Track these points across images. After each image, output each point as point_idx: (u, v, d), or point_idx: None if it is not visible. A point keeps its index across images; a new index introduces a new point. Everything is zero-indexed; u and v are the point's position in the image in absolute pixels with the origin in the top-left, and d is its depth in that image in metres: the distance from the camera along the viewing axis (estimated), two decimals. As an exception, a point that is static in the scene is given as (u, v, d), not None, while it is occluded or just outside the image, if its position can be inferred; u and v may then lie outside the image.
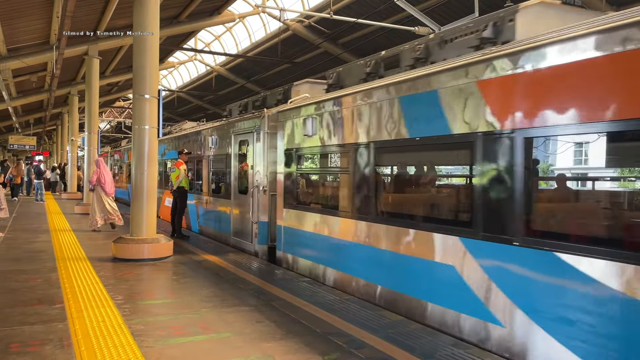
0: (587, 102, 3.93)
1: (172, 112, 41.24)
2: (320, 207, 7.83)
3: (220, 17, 18.85)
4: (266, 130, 9.27)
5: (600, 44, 3.84)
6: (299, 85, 9.86)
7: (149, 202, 8.98)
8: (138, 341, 4.51)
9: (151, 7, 9.02)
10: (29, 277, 7.05)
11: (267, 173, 9.19)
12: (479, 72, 4.89)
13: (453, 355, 4.31)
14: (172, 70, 37.37)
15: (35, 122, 36.46)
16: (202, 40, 30.64)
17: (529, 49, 4.41)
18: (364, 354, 4.33)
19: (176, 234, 11.43)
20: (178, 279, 7.26)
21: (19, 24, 14.23)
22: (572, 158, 5.52)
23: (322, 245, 7.45)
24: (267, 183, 9.20)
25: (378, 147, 6.34)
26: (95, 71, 18.03)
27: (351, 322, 5.22)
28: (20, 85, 22.20)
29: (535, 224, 4.39)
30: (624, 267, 3.58)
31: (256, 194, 9.36)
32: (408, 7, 12.01)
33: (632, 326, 3.53)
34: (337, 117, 7.22)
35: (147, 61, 8.97)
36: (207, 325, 5.06)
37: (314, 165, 8.53)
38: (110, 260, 8.52)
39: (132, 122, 9.46)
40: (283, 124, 8.75)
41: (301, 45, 22.86)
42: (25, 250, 9.35)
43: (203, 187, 12.74)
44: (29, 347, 4.29)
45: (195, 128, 14.77)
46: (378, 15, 17.54)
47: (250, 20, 26.19)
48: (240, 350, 4.35)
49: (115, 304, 5.76)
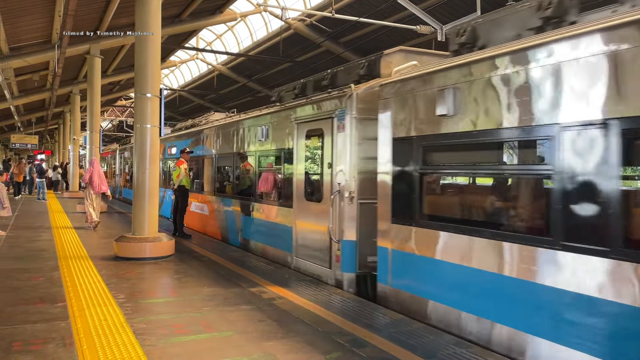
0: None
1: (173, 111, 41.27)
2: (476, 226, 5.04)
3: (221, 16, 18.87)
4: (354, 114, 6.90)
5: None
6: (391, 55, 7.47)
7: (150, 201, 8.98)
8: (140, 340, 4.51)
9: (153, 6, 9.02)
10: (31, 276, 7.06)
11: (354, 174, 6.86)
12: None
13: (455, 355, 4.31)
14: (173, 69, 37.41)
15: (37, 121, 36.53)
16: (203, 39, 30.67)
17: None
18: (366, 353, 4.33)
19: (178, 233, 11.44)
20: (180, 278, 7.26)
21: (21, 22, 14.26)
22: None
23: (487, 289, 4.74)
24: (356, 187, 6.85)
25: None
26: (97, 70, 18.06)
27: (353, 321, 5.22)
28: (22, 84, 22.24)
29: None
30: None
31: (338, 202, 6.96)
32: (410, 5, 11.99)
33: None
34: (515, 82, 4.53)
35: (149, 60, 8.98)
36: (209, 324, 5.06)
37: (462, 161, 5.68)
38: (112, 258, 8.52)
39: (133, 121, 9.47)
40: (392, 102, 6.08)
41: (303, 44, 22.86)
42: (28, 249, 9.36)
43: (248, 191, 10.29)
44: (31, 346, 4.30)
45: (231, 118, 12.26)
46: (380, 14, 17.54)
47: (252, 19, 26.22)
48: (242, 349, 4.35)
49: (117, 302, 5.76)
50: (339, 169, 7.04)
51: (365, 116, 6.87)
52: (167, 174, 15.76)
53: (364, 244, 6.81)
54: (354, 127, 6.89)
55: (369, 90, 6.95)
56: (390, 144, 6.07)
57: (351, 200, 6.85)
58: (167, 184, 15.19)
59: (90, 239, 10.90)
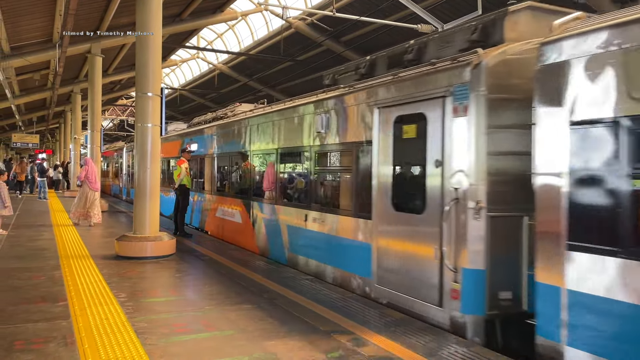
0: None
1: (174, 111, 41.28)
2: None
3: (222, 15, 18.87)
4: (482, 91, 4.99)
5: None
6: (517, 13, 5.57)
7: (152, 200, 8.99)
8: (141, 339, 4.51)
9: (153, 5, 9.02)
10: (32, 275, 7.07)
11: (483, 175, 4.97)
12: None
13: (456, 354, 4.31)
14: (174, 68, 37.41)
15: (38, 120, 36.56)
16: (204, 38, 30.66)
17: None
18: (367, 351, 4.33)
19: (179, 232, 11.44)
20: (181, 277, 7.27)
21: (22, 22, 14.28)
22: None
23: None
24: (485, 194, 4.96)
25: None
26: (98, 69, 18.06)
27: (355, 320, 5.22)
28: (23, 83, 22.28)
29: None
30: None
31: (454, 215, 5.12)
32: (411, 4, 12.00)
33: None
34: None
35: (150, 59, 8.98)
36: (210, 322, 5.06)
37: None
38: (113, 258, 8.53)
39: (135, 120, 9.48)
40: (570, 67, 4.01)
41: (303, 43, 22.84)
42: (29, 248, 9.37)
43: (301, 196, 8.50)
44: (32, 345, 4.30)
45: (271, 107, 10.21)
46: (381, 13, 17.52)
47: (253, 18, 26.19)
48: (243, 348, 4.35)
49: (118, 301, 5.76)
50: (457, 169, 5.14)
51: (499, 95, 5.04)
52: (206, 174, 13.00)
53: (494, 274, 4.97)
54: (483, 109, 4.99)
55: (504, 57, 5.06)
56: (567, 131, 4.01)
57: (478, 213, 4.95)
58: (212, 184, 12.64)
59: (92, 238, 10.91)
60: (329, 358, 4.17)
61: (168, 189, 14.48)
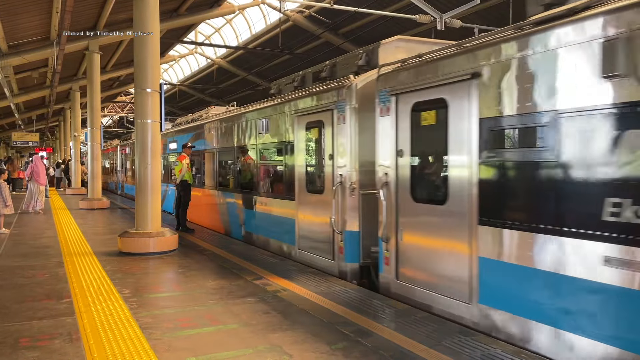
0: None
1: (173, 106, 41.26)
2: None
3: (220, 9, 18.75)
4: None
5: None
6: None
7: (153, 196, 9.01)
8: (146, 334, 4.54)
9: (151, 1, 8.99)
10: (36, 273, 7.10)
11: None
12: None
13: (460, 343, 4.33)
14: (172, 63, 37.32)
15: (38, 119, 36.54)
16: (202, 33, 30.56)
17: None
18: (370, 342, 4.35)
19: (181, 227, 11.47)
20: (184, 272, 7.29)
21: (19, 20, 14.22)
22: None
23: None
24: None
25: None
26: (96, 66, 18.01)
27: (358, 312, 5.24)
28: (21, 81, 22.22)
29: None
30: None
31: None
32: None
33: None
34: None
35: (148, 55, 8.96)
36: (214, 317, 5.09)
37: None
38: (116, 254, 8.56)
39: (134, 116, 9.47)
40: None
41: (301, 36, 22.77)
42: (32, 246, 9.40)
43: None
44: (38, 342, 4.33)
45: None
46: (379, 4, 17.45)
47: (250, 12, 26.11)
48: (247, 341, 4.37)
49: (122, 297, 5.79)
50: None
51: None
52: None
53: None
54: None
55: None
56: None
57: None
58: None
59: (94, 235, 10.94)
60: (334, 349, 4.20)
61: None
